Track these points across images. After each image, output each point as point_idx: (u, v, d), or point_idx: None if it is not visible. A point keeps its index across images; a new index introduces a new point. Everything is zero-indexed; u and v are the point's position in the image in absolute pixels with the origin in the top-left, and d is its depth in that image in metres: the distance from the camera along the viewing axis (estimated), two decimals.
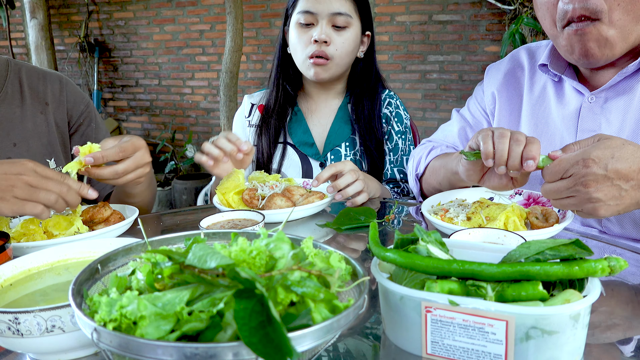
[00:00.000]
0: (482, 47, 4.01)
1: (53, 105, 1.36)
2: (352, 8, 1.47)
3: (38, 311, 0.57)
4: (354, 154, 1.55)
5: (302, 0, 1.48)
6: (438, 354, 0.60)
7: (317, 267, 0.54)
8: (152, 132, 5.48)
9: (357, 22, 1.48)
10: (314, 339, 0.45)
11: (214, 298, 0.47)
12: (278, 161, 1.57)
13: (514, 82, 1.31)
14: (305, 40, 1.46)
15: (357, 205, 1.25)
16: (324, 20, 1.44)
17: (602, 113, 1.12)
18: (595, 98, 1.13)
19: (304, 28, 1.47)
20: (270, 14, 4.71)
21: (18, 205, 0.91)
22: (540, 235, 0.93)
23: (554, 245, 0.59)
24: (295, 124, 1.58)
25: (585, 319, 0.56)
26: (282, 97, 1.58)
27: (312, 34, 1.45)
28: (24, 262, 0.74)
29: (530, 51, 1.32)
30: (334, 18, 1.44)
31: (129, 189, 1.21)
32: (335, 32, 1.45)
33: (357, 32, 1.49)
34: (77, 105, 1.40)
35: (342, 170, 1.24)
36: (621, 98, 1.10)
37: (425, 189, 1.37)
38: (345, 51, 1.47)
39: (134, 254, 0.65)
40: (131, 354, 0.44)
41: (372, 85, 1.57)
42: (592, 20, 1.00)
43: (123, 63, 5.45)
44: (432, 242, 0.65)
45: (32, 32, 4.92)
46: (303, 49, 1.47)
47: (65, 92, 1.38)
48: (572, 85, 1.17)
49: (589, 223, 1.17)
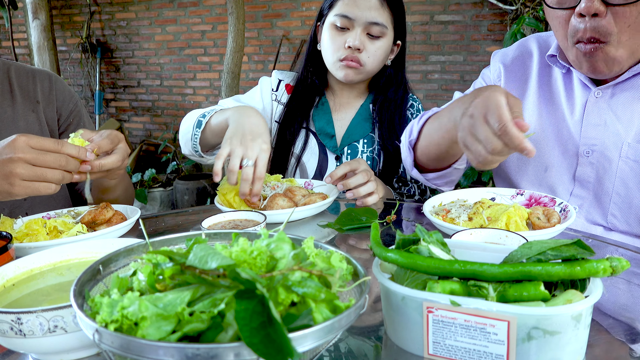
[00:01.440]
0: (483, 48, 4.01)
1: (43, 104, 1.35)
2: (389, 19, 1.47)
3: (40, 311, 0.57)
4: (371, 151, 1.56)
5: (341, 3, 1.47)
6: (440, 354, 0.60)
7: (318, 267, 0.54)
8: (154, 133, 5.49)
9: (391, 32, 1.49)
10: (315, 340, 0.45)
11: (215, 299, 0.47)
12: (300, 147, 1.58)
13: (521, 70, 1.30)
14: (339, 44, 1.46)
15: (367, 205, 1.26)
16: (360, 28, 1.44)
17: (609, 108, 1.12)
18: (602, 93, 1.13)
19: (338, 31, 1.46)
20: (272, 15, 4.71)
21: (28, 186, 0.91)
22: (541, 235, 0.93)
23: (556, 245, 0.59)
24: (320, 112, 1.59)
25: (587, 319, 0.56)
26: (311, 87, 1.59)
27: (345, 38, 1.45)
28: (26, 263, 0.74)
29: (541, 40, 1.31)
30: (370, 27, 1.44)
31: (106, 183, 1.20)
32: (369, 40, 1.45)
33: (390, 42, 1.50)
34: (66, 103, 1.39)
35: (356, 169, 1.25)
36: (628, 94, 1.10)
37: (420, 158, 1.30)
38: (377, 60, 1.48)
39: (135, 255, 0.65)
40: (132, 355, 0.44)
41: (400, 95, 1.57)
42: (600, 42, 1.00)
43: (125, 63, 5.46)
44: (434, 243, 0.65)
45: (34, 32, 4.93)
46: (335, 52, 1.47)
47: (54, 90, 1.38)
48: (580, 78, 1.17)
49: (594, 220, 1.17)
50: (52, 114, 1.37)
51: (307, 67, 1.59)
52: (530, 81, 1.27)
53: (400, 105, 1.56)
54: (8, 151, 0.89)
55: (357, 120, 1.57)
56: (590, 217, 1.17)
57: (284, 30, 4.70)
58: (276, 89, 1.63)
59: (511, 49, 1.35)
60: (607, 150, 1.13)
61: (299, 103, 1.58)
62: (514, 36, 3.21)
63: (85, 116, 1.45)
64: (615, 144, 1.12)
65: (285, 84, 1.62)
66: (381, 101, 1.56)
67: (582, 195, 1.18)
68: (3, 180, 0.90)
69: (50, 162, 0.92)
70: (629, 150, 1.11)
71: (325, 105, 1.60)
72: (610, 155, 1.13)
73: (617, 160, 1.13)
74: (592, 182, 1.17)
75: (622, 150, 1.12)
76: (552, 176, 1.22)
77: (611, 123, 1.12)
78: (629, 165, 1.11)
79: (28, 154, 0.89)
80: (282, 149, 1.58)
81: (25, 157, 0.89)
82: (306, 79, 1.59)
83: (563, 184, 1.20)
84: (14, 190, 0.91)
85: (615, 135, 1.12)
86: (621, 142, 1.12)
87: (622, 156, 1.12)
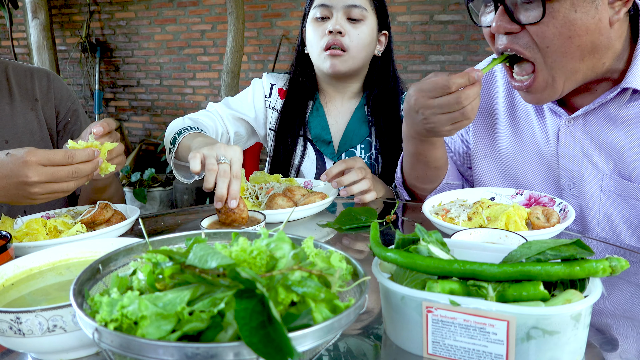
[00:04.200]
0: (483, 47, 4.01)
1: (42, 102, 1.36)
2: (368, 3, 1.47)
3: (40, 311, 0.57)
4: (369, 157, 1.54)
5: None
6: (439, 354, 0.60)
7: (317, 267, 0.54)
8: (154, 132, 5.49)
9: (372, 16, 1.48)
10: (314, 339, 0.45)
11: (215, 298, 0.47)
12: (299, 157, 1.56)
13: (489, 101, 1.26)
14: (321, 33, 1.46)
15: (365, 202, 1.26)
16: (339, 13, 1.44)
17: (585, 138, 1.08)
18: (573, 122, 1.08)
19: (319, 22, 1.47)
20: (272, 14, 4.71)
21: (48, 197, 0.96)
22: (541, 235, 0.93)
23: (555, 245, 0.59)
24: (316, 118, 1.57)
25: (586, 319, 0.56)
26: (304, 91, 1.57)
27: (327, 26, 1.45)
28: (25, 262, 0.74)
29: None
30: (349, 10, 1.44)
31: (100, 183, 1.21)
32: (350, 24, 1.45)
33: (373, 27, 1.49)
34: (64, 101, 1.40)
35: (352, 166, 1.25)
36: (602, 123, 1.06)
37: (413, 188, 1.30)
38: (361, 43, 1.46)
39: (135, 254, 0.65)
40: (132, 354, 0.44)
41: (391, 86, 1.56)
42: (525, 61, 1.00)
43: (124, 63, 5.46)
44: (433, 242, 0.65)
45: (34, 32, 4.93)
46: (318, 42, 1.47)
47: (52, 89, 1.38)
48: (548, 106, 1.13)
49: None
50: (51, 112, 1.37)
51: (298, 71, 1.58)
52: (498, 111, 1.24)
53: (394, 98, 1.54)
54: (21, 174, 0.91)
55: (353, 124, 1.55)
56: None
57: (284, 29, 4.70)
58: (269, 95, 1.60)
59: None
60: (587, 185, 1.08)
61: (294, 110, 1.56)
62: None
63: (82, 115, 1.45)
64: (595, 177, 1.07)
65: (278, 89, 1.60)
66: (374, 97, 1.55)
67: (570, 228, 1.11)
68: (24, 199, 0.94)
69: (64, 176, 0.94)
70: (610, 183, 1.06)
71: (320, 110, 1.57)
72: (591, 190, 1.08)
73: (599, 195, 1.07)
74: (577, 217, 1.11)
75: (602, 184, 1.07)
76: None
77: (588, 154, 1.07)
78: (611, 199, 1.06)
79: (42, 175, 0.92)
80: (281, 157, 1.56)
81: (40, 180, 0.92)
82: (298, 84, 1.57)
83: None
84: (35, 203, 0.97)
85: (593, 167, 1.07)
86: (601, 174, 1.07)
87: (604, 190, 1.07)
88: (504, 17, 0.97)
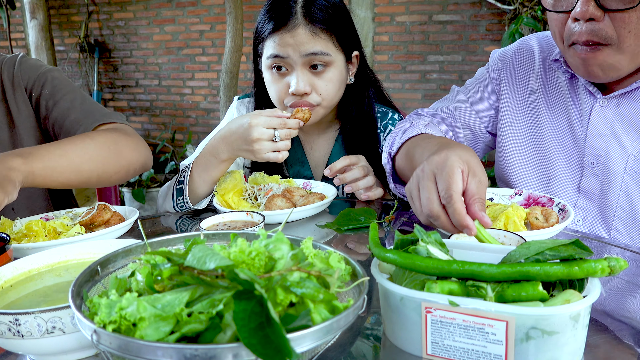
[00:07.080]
0: (482, 47, 4.01)
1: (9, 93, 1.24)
2: (329, 43, 1.24)
3: (38, 312, 0.57)
4: None
5: (269, 42, 1.25)
6: (438, 354, 0.60)
7: (316, 267, 0.54)
8: (152, 133, 5.49)
9: (339, 55, 1.27)
10: (313, 340, 0.45)
11: (214, 299, 0.47)
12: None
13: (522, 71, 1.25)
14: (282, 88, 1.27)
15: (372, 199, 1.26)
16: (298, 66, 1.23)
17: (615, 118, 1.10)
18: (607, 102, 1.10)
19: (277, 74, 1.27)
20: None
21: None
22: (540, 235, 0.93)
23: (554, 245, 0.59)
24: (291, 157, 1.42)
25: (585, 319, 0.56)
26: None
27: (287, 81, 1.25)
28: (24, 263, 0.74)
29: (542, 40, 1.27)
30: (310, 59, 1.23)
31: None
32: (314, 76, 1.25)
33: (341, 65, 1.29)
34: (31, 79, 1.24)
35: (355, 163, 1.24)
36: (636, 105, 1.08)
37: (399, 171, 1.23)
38: (331, 93, 1.28)
39: (133, 256, 0.65)
40: (131, 356, 0.44)
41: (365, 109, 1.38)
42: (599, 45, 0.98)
43: (123, 63, 5.45)
44: (432, 243, 0.65)
45: (32, 32, 4.92)
46: (280, 99, 1.28)
47: (20, 71, 1.24)
48: (585, 85, 1.14)
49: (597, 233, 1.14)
50: (23, 97, 1.24)
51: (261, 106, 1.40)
52: (531, 83, 1.24)
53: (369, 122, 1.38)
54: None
55: (335, 158, 1.35)
56: (593, 230, 1.14)
57: None
58: None
59: (511, 48, 1.31)
60: (612, 163, 1.10)
61: None
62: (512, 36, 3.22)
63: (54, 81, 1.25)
64: (621, 156, 1.10)
65: None
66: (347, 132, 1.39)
67: (586, 207, 1.15)
68: None
69: None
70: (635, 164, 1.08)
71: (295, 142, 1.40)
72: (615, 167, 1.10)
73: (622, 173, 1.10)
74: (597, 194, 1.14)
75: (627, 164, 1.09)
76: (555, 187, 1.19)
77: (617, 134, 1.10)
78: (634, 179, 1.09)
79: None
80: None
81: None
82: None
83: (567, 195, 1.17)
84: None
85: (620, 147, 1.10)
86: (627, 154, 1.09)
87: (628, 169, 1.09)
88: (590, 1, 0.96)
